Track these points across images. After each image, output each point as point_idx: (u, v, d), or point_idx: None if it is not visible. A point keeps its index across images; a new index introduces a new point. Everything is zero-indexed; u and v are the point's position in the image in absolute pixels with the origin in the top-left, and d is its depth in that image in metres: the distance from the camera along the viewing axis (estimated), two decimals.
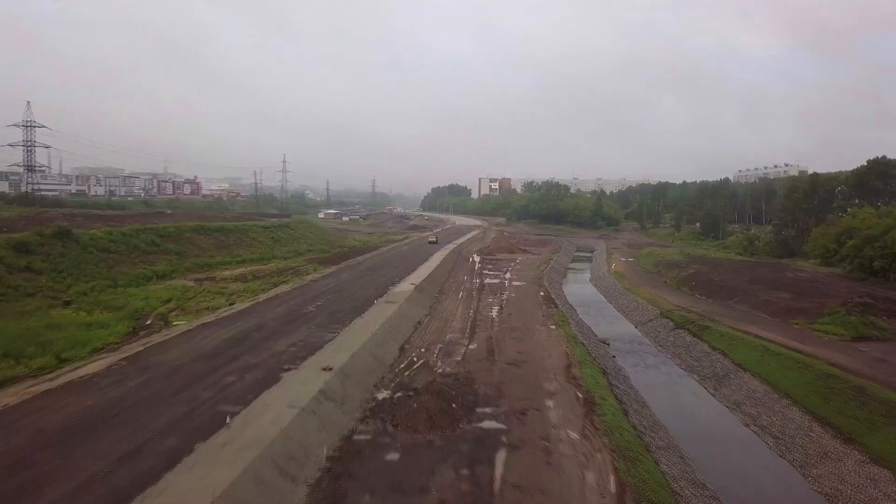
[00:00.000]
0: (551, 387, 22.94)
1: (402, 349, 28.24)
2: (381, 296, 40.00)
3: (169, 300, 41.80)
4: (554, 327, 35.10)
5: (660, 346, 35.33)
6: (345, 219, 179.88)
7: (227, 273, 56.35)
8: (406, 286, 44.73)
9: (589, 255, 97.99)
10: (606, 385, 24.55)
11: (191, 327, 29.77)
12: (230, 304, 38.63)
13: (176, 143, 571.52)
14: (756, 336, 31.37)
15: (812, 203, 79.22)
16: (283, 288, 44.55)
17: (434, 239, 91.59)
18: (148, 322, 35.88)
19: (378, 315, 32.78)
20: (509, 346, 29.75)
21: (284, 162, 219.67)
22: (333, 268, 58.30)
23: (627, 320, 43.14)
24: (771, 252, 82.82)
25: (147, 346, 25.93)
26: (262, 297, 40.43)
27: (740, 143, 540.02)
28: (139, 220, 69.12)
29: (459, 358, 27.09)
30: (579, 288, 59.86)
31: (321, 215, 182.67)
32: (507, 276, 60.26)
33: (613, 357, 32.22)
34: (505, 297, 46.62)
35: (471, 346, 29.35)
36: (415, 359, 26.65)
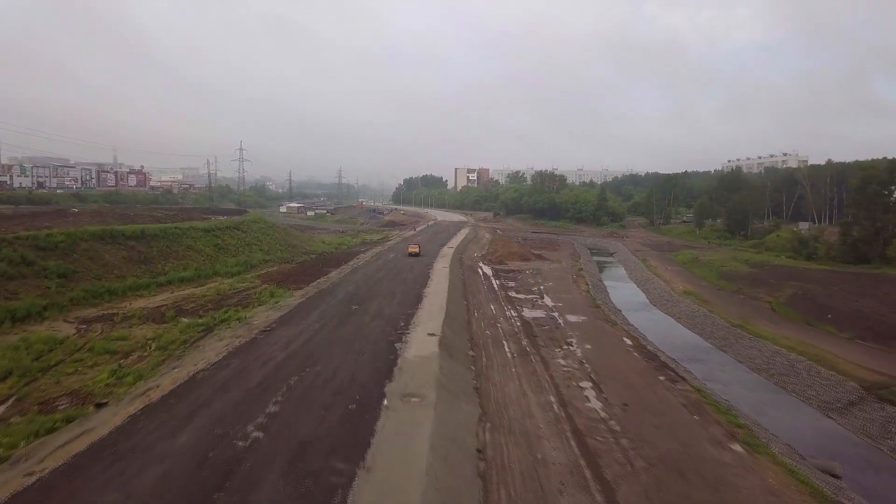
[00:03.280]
0: None
1: None
2: (387, 374, 21.92)
3: (8, 374, 24.14)
4: (740, 449, 17.85)
5: None
6: (310, 213, 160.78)
7: (139, 304, 38.16)
8: (422, 341, 26.84)
9: (609, 259, 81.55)
10: None
11: None
12: (99, 405, 20.12)
13: (127, 131, 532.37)
14: None
15: (892, 196, 64.50)
16: (212, 349, 26.09)
17: (416, 250, 66.18)
18: None
19: (401, 459, 14.86)
20: None
21: (241, 150, 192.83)
22: (299, 295, 39.95)
23: (794, 396, 25.97)
24: (836, 257, 68.07)
25: None
26: (169, 379, 21.88)
27: (717, 133, 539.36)
28: (24, 224, 49.37)
29: None
30: (648, 318, 42.57)
31: (283, 209, 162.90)
32: (547, 301, 42.95)
33: None
34: (576, 348, 29.40)
35: None
36: None
